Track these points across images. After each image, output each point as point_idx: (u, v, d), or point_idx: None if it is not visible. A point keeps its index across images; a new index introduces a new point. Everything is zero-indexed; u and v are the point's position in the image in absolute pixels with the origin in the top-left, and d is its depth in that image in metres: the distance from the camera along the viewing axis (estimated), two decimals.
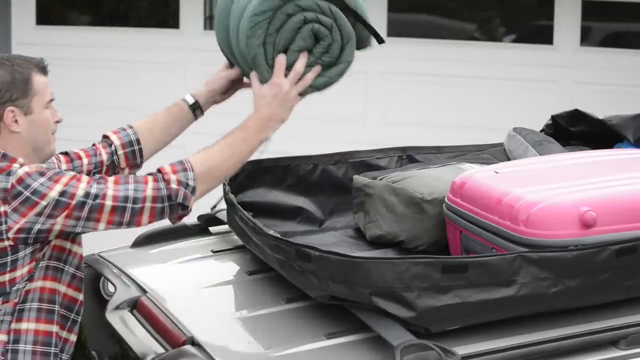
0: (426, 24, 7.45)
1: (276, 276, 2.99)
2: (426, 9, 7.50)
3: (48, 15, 7.61)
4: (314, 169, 3.60)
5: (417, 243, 3.11)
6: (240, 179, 3.44)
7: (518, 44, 7.13)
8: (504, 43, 7.18)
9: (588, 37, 7.00)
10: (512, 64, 6.95)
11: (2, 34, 7.47)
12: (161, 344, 2.85)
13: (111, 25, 7.64)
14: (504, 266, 2.60)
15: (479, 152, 3.68)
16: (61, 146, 2.97)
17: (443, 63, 7.03)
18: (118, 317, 3.08)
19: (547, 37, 6.94)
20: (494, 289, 2.59)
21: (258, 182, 3.52)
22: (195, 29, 7.32)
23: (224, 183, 3.23)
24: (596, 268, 2.67)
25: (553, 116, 3.83)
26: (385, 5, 7.09)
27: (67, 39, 7.45)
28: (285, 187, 3.55)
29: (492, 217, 2.82)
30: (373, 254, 3.13)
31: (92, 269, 3.31)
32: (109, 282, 3.27)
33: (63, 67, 7.34)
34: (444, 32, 7.27)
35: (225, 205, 3.35)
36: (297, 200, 3.51)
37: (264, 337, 2.80)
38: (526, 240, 2.70)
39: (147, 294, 3.09)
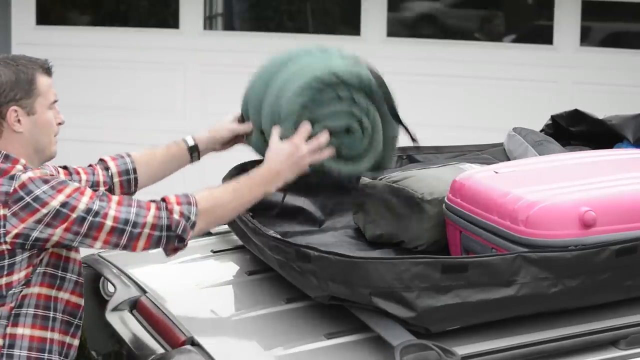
0: (426, 24, 7.44)
1: (276, 276, 2.99)
2: (426, 9, 7.50)
3: (48, 15, 7.61)
4: None
5: (417, 243, 3.10)
6: None
7: (518, 44, 7.12)
8: (504, 43, 7.18)
9: (588, 37, 7.00)
10: (512, 64, 6.94)
11: (2, 34, 7.47)
12: (161, 344, 2.85)
13: (111, 25, 7.63)
14: (504, 266, 2.60)
15: (479, 152, 3.68)
16: (61, 146, 2.96)
17: (443, 63, 7.02)
18: (118, 317, 3.08)
19: (547, 37, 6.93)
20: (494, 289, 2.59)
21: None
22: (195, 29, 7.32)
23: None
24: (596, 268, 2.67)
25: (553, 116, 3.83)
26: (385, 5, 7.09)
27: (67, 39, 7.45)
28: (285, 187, 3.54)
29: (492, 217, 2.82)
30: (373, 254, 3.12)
31: (92, 269, 3.31)
32: (108, 282, 3.27)
33: (63, 67, 7.32)
34: (444, 32, 7.26)
35: None
36: (297, 200, 3.50)
37: (264, 337, 2.80)
38: (526, 240, 2.70)
39: (147, 294, 3.09)
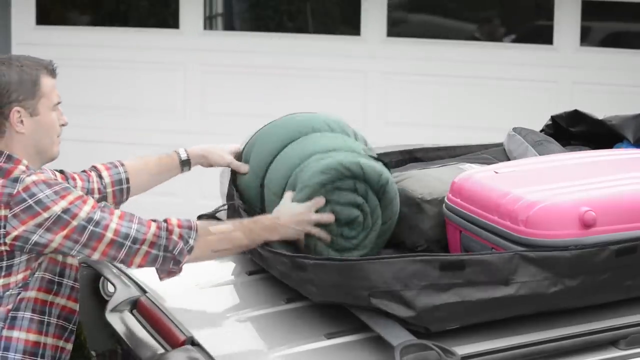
0: (426, 24, 7.44)
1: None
2: (426, 9, 7.49)
3: (48, 15, 7.61)
4: None
5: (417, 243, 3.10)
6: None
7: (518, 44, 7.12)
8: (504, 43, 7.18)
9: (588, 37, 7.00)
10: (512, 64, 6.94)
11: (2, 34, 7.46)
12: (161, 344, 2.84)
13: (111, 25, 7.63)
14: (501, 264, 2.60)
15: (479, 152, 3.68)
16: (61, 146, 2.96)
17: (443, 63, 7.02)
18: (118, 317, 3.08)
19: (547, 37, 6.93)
20: (493, 288, 2.59)
21: None
22: (195, 29, 7.32)
23: (229, 184, 3.24)
24: (596, 268, 2.67)
25: (553, 116, 3.83)
26: (385, 5, 7.09)
27: (67, 39, 7.44)
28: None
29: (491, 217, 2.82)
30: None
31: (92, 269, 3.31)
32: (109, 282, 3.27)
33: (63, 67, 7.29)
34: (444, 32, 7.26)
35: (223, 205, 3.35)
36: None
37: (264, 337, 2.80)
38: (526, 240, 2.70)
39: (147, 294, 3.09)
